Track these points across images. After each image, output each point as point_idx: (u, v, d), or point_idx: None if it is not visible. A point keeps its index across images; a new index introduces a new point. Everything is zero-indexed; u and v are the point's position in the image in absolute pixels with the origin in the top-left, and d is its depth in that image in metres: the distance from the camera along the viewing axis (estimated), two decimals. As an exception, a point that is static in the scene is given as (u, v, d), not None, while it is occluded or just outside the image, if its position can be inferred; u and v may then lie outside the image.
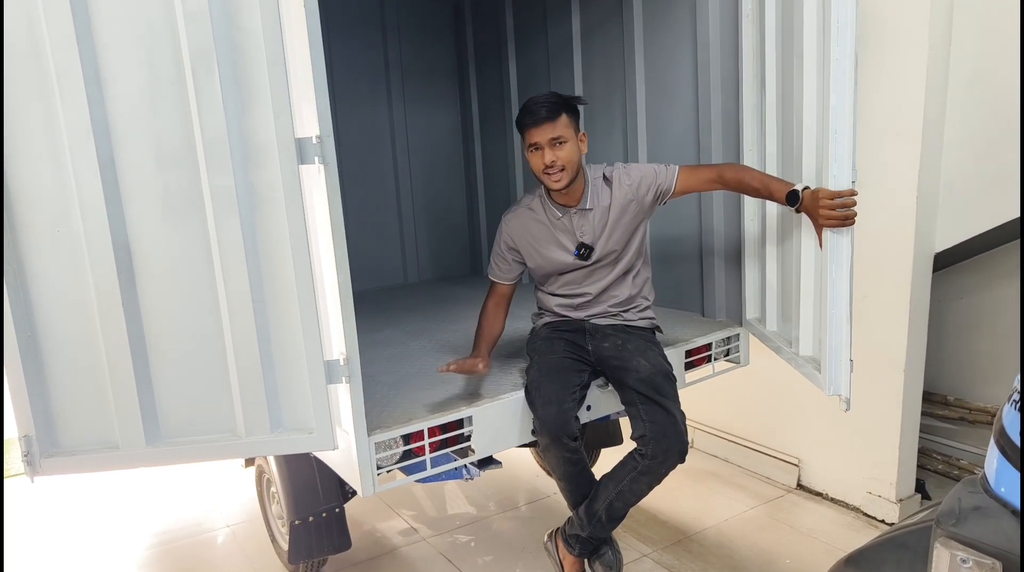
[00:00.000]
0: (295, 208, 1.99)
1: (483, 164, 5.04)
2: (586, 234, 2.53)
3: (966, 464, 3.71)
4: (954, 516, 1.27)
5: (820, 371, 2.33)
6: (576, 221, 2.53)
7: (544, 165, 2.37)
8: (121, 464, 2.14)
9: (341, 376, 2.07)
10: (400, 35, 4.91)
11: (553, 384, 2.42)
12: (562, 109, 2.36)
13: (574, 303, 2.66)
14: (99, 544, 3.73)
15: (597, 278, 2.61)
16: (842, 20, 2.04)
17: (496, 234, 2.67)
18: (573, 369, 2.50)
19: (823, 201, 2.18)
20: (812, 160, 2.33)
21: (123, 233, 1.99)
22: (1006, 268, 3.58)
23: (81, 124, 1.90)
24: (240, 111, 1.95)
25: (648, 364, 2.46)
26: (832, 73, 2.09)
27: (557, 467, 2.49)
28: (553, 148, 2.35)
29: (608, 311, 2.64)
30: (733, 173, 2.49)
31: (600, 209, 2.52)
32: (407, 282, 5.14)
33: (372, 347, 3.18)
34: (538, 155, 2.37)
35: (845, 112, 2.10)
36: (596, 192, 2.53)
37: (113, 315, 2.01)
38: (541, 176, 2.42)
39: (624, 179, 2.53)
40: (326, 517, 2.87)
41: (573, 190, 2.48)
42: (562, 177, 2.38)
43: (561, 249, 2.56)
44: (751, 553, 3.25)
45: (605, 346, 2.56)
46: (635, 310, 2.68)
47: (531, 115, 2.34)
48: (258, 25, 1.90)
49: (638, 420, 2.37)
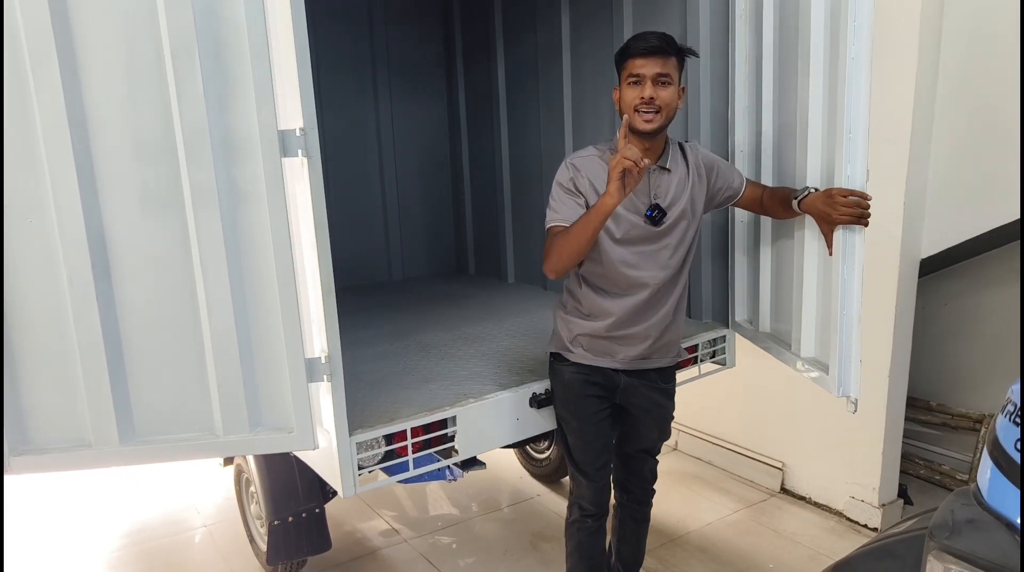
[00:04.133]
0: (277, 202, 1.94)
1: (470, 161, 5.00)
2: (660, 196, 2.22)
3: (948, 469, 3.72)
4: (948, 529, 1.25)
5: (827, 373, 2.31)
6: (653, 180, 2.21)
7: (641, 98, 2.08)
8: (94, 463, 2.08)
9: (322, 374, 2.03)
10: (387, 29, 4.85)
11: (598, 457, 2.40)
12: (675, 51, 2.11)
13: (627, 308, 2.25)
14: (69, 543, 3.66)
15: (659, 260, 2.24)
16: (859, 20, 2.03)
17: (555, 180, 2.23)
18: (610, 434, 2.46)
19: (839, 196, 2.13)
20: (818, 161, 2.31)
21: (99, 225, 1.93)
22: (989, 275, 3.60)
23: (56, 113, 1.84)
24: (222, 102, 1.90)
25: (658, 436, 2.50)
26: (848, 73, 2.07)
27: (578, 539, 2.49)
28: (656, 86, 2.07)
29: (651, 341, 2.30)
30: (769, 192, 2.44)
31: (679, 175, 2.25)
32: (391, 279, 5.09)
33: (354, 345, 3.13)
34: (636, 89, 2.09)
35: (860, 113, 2.09)
36: (675, 156, 2.27)
37: (87, 309, 1.95)
38: (632, 114, 2.10)
39: (701, 158, 2.32)
40: (306, 517, 2.83)
41: (656, 143, 2.20)
42: (656, 119, 2.10)
43: (630, 207, 2.19)
44: (734, 557, 3.24)
45: (633, 404, 2.40)
46: (671, 341, 2.38)
47: (642, 42, 2.07)
48: (241, 14, 1.85)
49: (618, 469, 2.57)
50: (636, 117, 2.10)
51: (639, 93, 2.08)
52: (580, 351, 2.32)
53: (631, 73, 2.10)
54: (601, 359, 2.31)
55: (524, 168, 4.43)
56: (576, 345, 2.32)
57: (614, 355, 2.30)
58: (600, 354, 2.31)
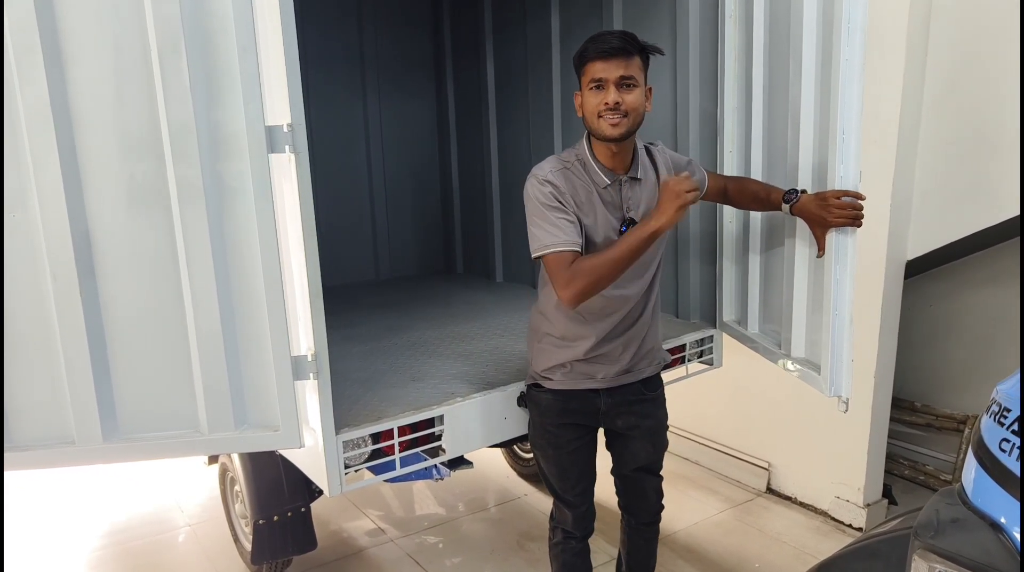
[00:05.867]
0: (264, 198, 1.93)
1: (459, 160, 4.99)
2: (634, 209, 2.09)
3: (932, 469, 3.75)
4: (932, 528, 1.25)
5: (819, 373, 2.32)
6: (625, 192, 2.08)
7: (605, 104, 1.94)
8: (77, 460, 2.06)
9: (309, 372, 2.02)
10: (377, 26, 4.83)
11: (576, 484, 2.32)
12: (637, 49, 1.97)
13: (604, 329, 2.15)
14: (50, 542, 3.62)
15: (637, 273, 2.12)
16: (853, 22, 2.04)
17: (531, 198, 2.04)
18: (589, 461, 2.33)
19: (832, 199, 2.10)
20: (810, 160, 2.32)
21: (83, 221, 1.91)
22: (975, 277, 3.63)
23: (40, 106, 1.81)
24: (209, 97, 1.88)
25: (652, 450, 2.36)
26: (841, 74, 2.08)
27: (563, 559, 2.44)
28: (620, 90, 1.94)
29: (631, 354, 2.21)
30: (735, 184, 2.40)
31: (649, 183, 2.13)
32: (379, 278, 5.07)
33: (341, 343, 3.12)
34: (599, 94, 1.95)
35: (852, 114, 2.10)
36: (643, 163, 2.14)
37: (71, 305, 1.92)
38: (595, 121, 1.97)
39: (670, 160, 2.21)
40: (291, 517, 2.82)
41: (625, 150, 2.06)
42: (623, 123, 1.95)
43: (605, 223, 2.06)
44: (720, 557, 3.25)
45: (617, 424, 2.30)
46: (653, 349, 2.30)
47: (602, 44, 1.94)
48: (229, 8, 1.83)
49: (619, 492, 2.49)
50: (601, 123, 1.97)
51: (603, 99, 1.95)
52: (558, 378, 2.21)
53: (592, 78, 1.96)
54: (581, 382, 2.20)
55: (513, 167, 4.42)
56: (553, 373, 2.21)
57: (594, 376, 2.19)
58: (579, 378, 2.20)
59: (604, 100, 1.94)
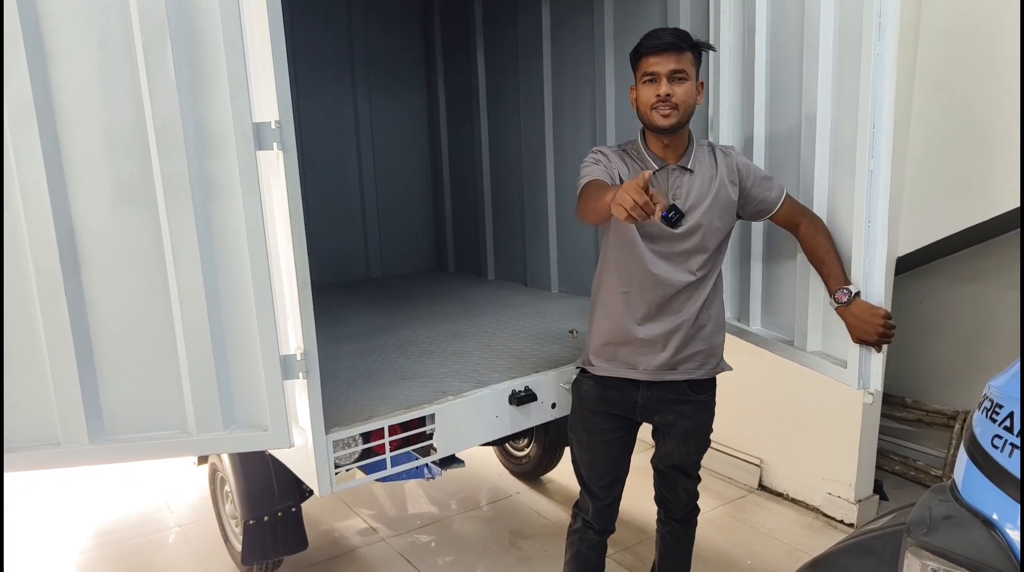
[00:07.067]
0: (252, 196, 1.90)
1: (450, 156, 4.97)
2: (680, 197, 2.15)
3: (923, 465, 3.76)
4: (925, 525, 1.25)
5: (845, 367, 2.31)
6: (672, 180, 2.16)
7: (657, 96, 2.06)
8: (63, 462, 2.03)
9: (298, 371, 2.00)
10: (366, 22, 4.81)
11: (604, 475, 2.33)
12: (689, 45, 2.08)
13: (645, 308, 2.18)
14: (38, 544, 3.58)
15: (680, 261, 2.16)
16: (885, 16, 2.05)
17: (583, 164, 2.19)
18: (622, 454, 2.36)
19: (878, 318, 2.09)
20: (826, 156, 2.31)
21: (67, 218, 1.88)
22: (965, 273, 3.64)
23: (23, 101, 1.78)
24: (195, 93, 1.86)
25: (687, 452, 2.34)
26: (872, 71, 2.08)
27: (578, 548, 2.43)
28: (671, 82, 2.05)
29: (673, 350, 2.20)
30: (810, 234, 2.26)
31: (703, 176, 2.18)
32: (369, 277, 5.05)
33: (331, 342, 3.10)
34: (651, 87, 2.07)
35: (884, 110, 2.10)
36: (701, 156, 2.20)
37: (55, 304, 1.90)
38: (648, 112, 2.09)
39: (737, 163, 2.23)
40: (282, 517, 2.80)
41: (677, 140, 2.16)
42: (673, 115, 2.07)
43: None
44: (712, 554, 3.25)
45: (655, 420, 2.32)
46: (703, 352, 2.26)
47: (655, 40, 2.06)
48: (215, 3, 1.81)
49: (656, 483, 2.50)
50: (653, 114, 2.08)
51: (655, 91, 2.06)
52: (600, 363, 2.26)
53: (645, 72, 2.09)
54: (623, 371, 2.23)
55: (504, 164, 4.41)
56: (598, 357, 2.27)
57: (636, 365, 2.22)
58: (621, 367, 2.24)
59: (656, 92, 2.06)
